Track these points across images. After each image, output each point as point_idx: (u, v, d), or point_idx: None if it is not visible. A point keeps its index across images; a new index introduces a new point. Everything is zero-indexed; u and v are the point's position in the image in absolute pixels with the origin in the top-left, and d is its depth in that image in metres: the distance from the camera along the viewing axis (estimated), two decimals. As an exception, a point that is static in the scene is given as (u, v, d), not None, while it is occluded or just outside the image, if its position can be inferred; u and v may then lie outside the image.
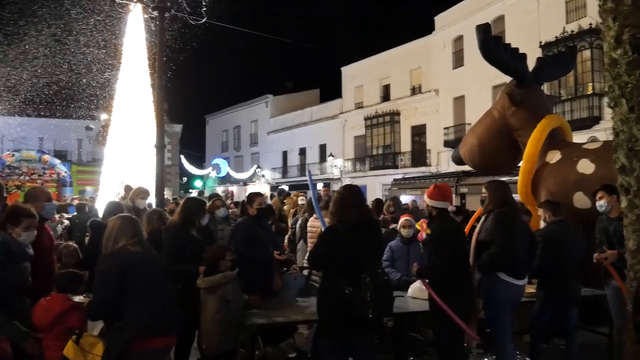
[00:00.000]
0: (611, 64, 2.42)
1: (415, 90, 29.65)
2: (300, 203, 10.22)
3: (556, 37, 19.84)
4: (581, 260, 5.13)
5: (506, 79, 7.62)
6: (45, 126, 40.78)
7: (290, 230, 9.45)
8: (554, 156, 6.50)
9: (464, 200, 19.94)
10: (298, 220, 8.91)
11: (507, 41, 7.02)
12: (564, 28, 19.86)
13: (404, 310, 5.01)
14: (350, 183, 5.30)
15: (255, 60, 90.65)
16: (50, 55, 21.58)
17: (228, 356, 4.35)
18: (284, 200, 11.47)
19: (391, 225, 7.36)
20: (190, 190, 39.79)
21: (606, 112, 17.35)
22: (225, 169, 45.42)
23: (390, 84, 31.27)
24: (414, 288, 5.34)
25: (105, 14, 15.92)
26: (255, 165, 43.09)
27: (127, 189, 8.99)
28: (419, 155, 28.70)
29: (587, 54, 18.98)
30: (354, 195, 3.99)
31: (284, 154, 40.88)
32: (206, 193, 36.17)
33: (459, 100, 25.92)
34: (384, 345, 5.10)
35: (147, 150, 12.70)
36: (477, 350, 5.34)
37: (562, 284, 5.00)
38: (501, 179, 5.53)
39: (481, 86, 23.15)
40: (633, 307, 2.47)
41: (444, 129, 26.30)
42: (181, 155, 44.90)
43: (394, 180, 27.61)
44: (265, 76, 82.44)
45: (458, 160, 7.83)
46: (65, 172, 30.88)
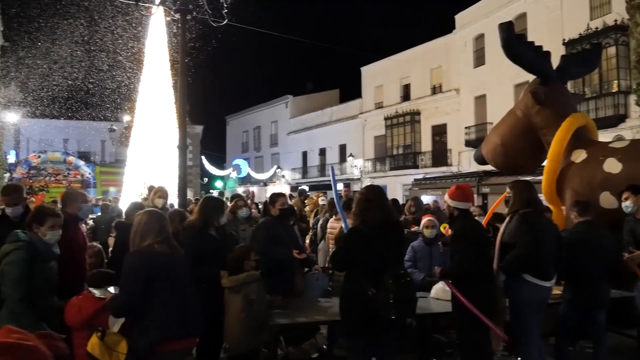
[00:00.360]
0: (639, 60, 2.36)
1: (435, 89, 29.43)
2: (321, 203, 10.22)
3: (580, 34, 19.50)
4: (611, 261, 5.02)
5: (528, 77, 7.51)
6: (69, 128, 41.45)
7: (311, 231, 9.47)
8: (580, 155, 6.38)
9: (485, 200, 19.75)
10: (319, 221, 8.91)
11: (530, 39, 6.91)
12: (588, 25, 19.51)
13: (427, 311, 4.98)
14: (372, 183, 5.28)
15: (275, 60, 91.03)
16: (74, 58, 21.96)
17: (251, 356, 4.36)
18: (305, 201, 11.48)
19: (413, 227, 7.30)
20: (211, 191, 40.13)
21: (633, 110, 16.99)
22: (245, 169, 45.69)
23: (411, 83, 31.08)
24: (437, 289, 5.30)
25: (128, 17, 16.16)
26: (275, 166, 43.24)
27: (150, 189, 9.09)
28: (440, 155, 28.47)
29: (612, 50, 18.62)
30: (376, 195, 3.98)
31: (304, 154, 40.95)
32: (227, 193, 36.48)
33: (480, 99, 25.66)
34: (406, 346, 5.07)
35: (169, 151, 12.85)
36: (502, 352, 5.27)
37: (589, 285, 4.91)
38: (526, 179, 5.45)
39: (503, 85, 22.88)
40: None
41: (465, 128, 26.04)
42: (202, 156, 45.32)
43: (415, 180, 27.45)
44: (285, 77, 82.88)
45: (480, 160, 7.74)
46: (89, 173, 31.37)
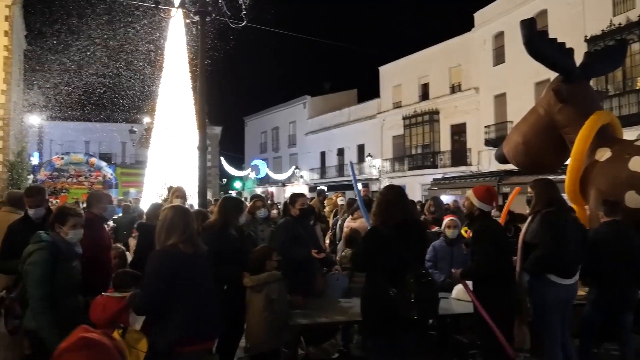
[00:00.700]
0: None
1: (454, 88, 29.20)
2: (340, 203, 10.21)
3: (602, 31, 19.17)
4: (638, 262, 4.91)
5: (549, 75, 7.38)
6: (90, 130, 42.04)
7: (330, 231, 9.46)
8: (604, 154, 6.25)
9: (506, 200, 19.50)
10: (338, 221, 8.90)
11: (551, 36, 6.80)
12: (611, 21, 19.16)
13: (448, 312, 4.94)
14: (392, 183, 5.27)
15: (293, 61, 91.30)
16: (95, 61, 22.29)
17: (272, 355, 4.37)
18: (324, 201, 11.48)
19: (433, 227, 7.25)
20: (230, 191, 40.38)
21: (658, 108, 16.65)
22: (264, 170, 45.88)
23: (429, 82, 30.88)
24: (458, 289, 5.25)
25: (148, 20, 16.34)
26: (293, 166, 43.32)
27: (170, 190, 9.17)
28: (459, 155, 28.23)
29: (636, 47, 18.26)
30: (397, 195, 3.96)
31: (322, 154, 40.95)
32: (245, 194, 36.66)
33: (500, 98, 25.37)
34: (427, 347, 5.03)
35: (189, 152, 12.96)
36: (524, 354, 5.19)
37: (615, 286, 4.82)
38: (548, 178, 5.37)
39: (523, 83, 22.60)
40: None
41: (485, 127, 25.77)
42: (221, 157, 45.63)
43: (434, 180, 27.28)
44: (302, 77, 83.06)
45: (501, 159, 7.64)
46: (111, 174, 31.80)
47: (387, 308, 3.61)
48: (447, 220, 6.12)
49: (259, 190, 40.67)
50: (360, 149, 36.20)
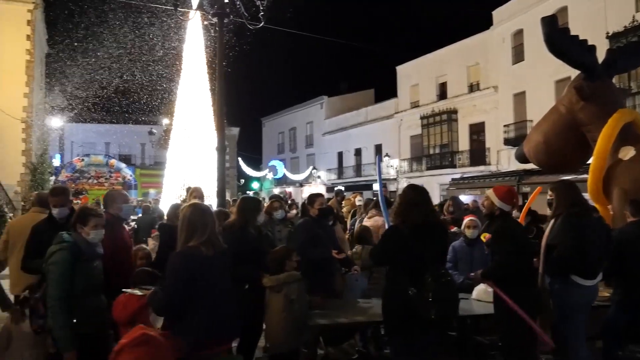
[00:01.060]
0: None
1: (473, 87, 28.95)
2: (357, 204, 10.18)
3: (625, 27, 18.82)
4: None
5: (570, 72, 7.28)
6: (110, 131, 42.61)
7: (348, 232, 9.43)
8: (628, 152, 6.14)
9: (526, 200, 19.27)
10: (356, 222, 8.87)
11: (572, 34, 6.70)
12: (634, 17, 18.80)
13: (468, 312, 4.89)
14: (414, 183, 5.27)
15: (310, 61, 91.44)
16: (115, 64, 22.59)
17: (291, 355, 4.37)
18: (342, 201, 11.46)
19: (452, 227, 7.19)
20: (248, 192, 40.59)
21: (682, 105, 16.30)
22: (281, 170, 46.04)
23: (447, 81, 30.67)
24: (479, 290, 5.20)
25: (166, 22, 16.51)
26: (311, 167, 43.38)
27: (188, 190, 9.24)
28: (478, 154, 27.97)
29: (660, 43, 17.92)
30: (419, 196, 3.95)
31: (340, 154, 40.93)
32: (263, 194, 36.80)
33: (520, 97, 25.09)
34: (448, 347, 4.99)
35: (208, 153, 13.05)
36: (547, 356, 5.12)
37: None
38: (568, 179, 5.29)
39: (543, 81, 22.32)
40: None
41: (504, 126, 25.50)
42: (239, 158, 45.89)
43: (452, 179, 27.08)
44: (320, 77, 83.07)
45: (522, 158, 7.55)
46: (130, 176, 32.20)
47: (406, 308, 3.61)
48: (467, 220, 6.07)
49: (276, 191, 40.79)
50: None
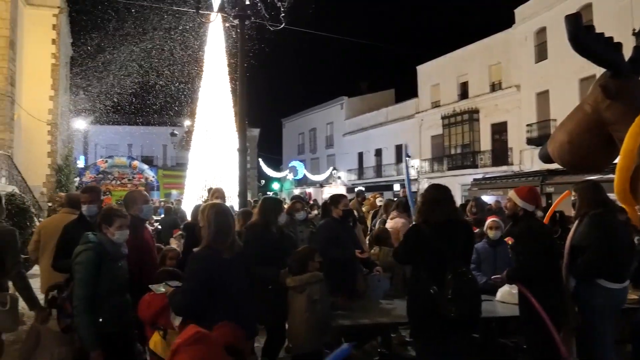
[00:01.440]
0: None
1: (495, 86, 28.66)
2: (378, 204, 10.15)
3: (652, 24, 18.46)
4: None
5: (595, 70, 7.11)
6: (133, 133, 43.20)
7: (369, 232, 9.40)
8: (656, 152, 6.02)
9: (550, 200, 19.00)
10: (377, 222, 8.84)
11: (597, 31, 6.57)
12: (661, 13, 18.46)
13: (493, 314, 4.84)
14: (437, 183, 5.22)
15: (330, 62, 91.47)
16: (137, 66, 22.94)
17: (313, 356, 4.37)
18: (362, 202, 11.44)
19: (475, 229, 7.12)
20: (268, 192, 40.76)
21: None
22: (301, 171, 46.15)
23: (468, 81, 30.42)
24: (503, 292, 5.14)
25: (188, 25, 16.70)
26: (331, 167, 43.39)
27: (210, 191, 9.32)
28: (500, 154, 27.67)
29: (688, 40, 17.51)
30: (440, 193, 3.94)
31: (360, 155, 40.86)
32: (283, 195, 36.91)
33: (543, 96, 24.75)
34: (472, 349, 4.94)
35: (229, 154, 13.14)
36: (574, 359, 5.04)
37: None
38: (592, 180, 5.20)
39: (567, 80, 21.98)
40: None
41: (527, 125, 25.19)
42: (259, 159, 46.14)
43: (474, 180, 26.84)
44: (339, 78, 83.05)
45: (546, 158, 7.40)
46: (153, 177, 32.59)
47: (429, 307, 3.60)
48: (489, 221, 6.00)
49: (296, 192, 40.89)
50: (398, 149, 35.93)
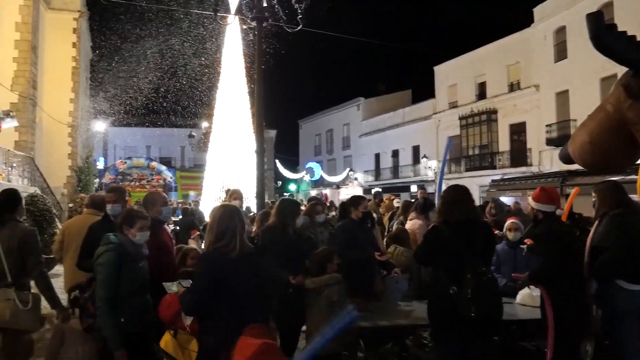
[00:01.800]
0: None
1: (513, 86, 28.37)
2: (396, 205, 10.11)
3: (675, 22, 18.11)
4: None
5: (617, 69, 7.04)
6: (151, 135, 43.64)
7: (387, 233, 9.37)
8: (680, 152, 5.90)
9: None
10: (394, 224, 8.80)
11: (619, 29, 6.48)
12: (684, 11, 18.10)
13: (513, 317, 4.79)
14: (456, 183, 5.21)
15: (346, 63, 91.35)
16: (155, 68, 23.19)
17: (332, 358, 4.37)
18: (380, 203, 11.40)
19: (494, 230, 7.05)
20: (285, 194, 40.88)
21: None
22: (318, 172, 46.20)
23: (486, 81, 30.15)
24: (523, 294, 5.09)
25: (206, 27, 16.83)
26: (347, 168, 43.36)
27: (227, 192, 9.38)
28: (519, 155, 27.38)
29: None
30: (459, 193, 3.96)
31: (377, 156, 40.76)
32: (300, 196, 36.95)
33: (562, 95, 24.43)
34: (492, 353, 4.90)
35: (246, 155, 13.23)
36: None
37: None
38: (613, 180, 5.13)
39: (587, 79, 21.67)
40: None
41: (546, 126, 24.88)
42: (276, 160, 46.29)
43: (492, 181, 26.59)
44: (356, 79, 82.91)
45: (566, 159, 7.30)
46: (171, 178, 32.89)
47: (448, 308, 3.59)
48: (509, 222, 5.95)
49: (313, 193, 40.94)
50: (415, 150, 35.79)
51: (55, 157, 21.92)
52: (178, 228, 10.80)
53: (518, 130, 27.88)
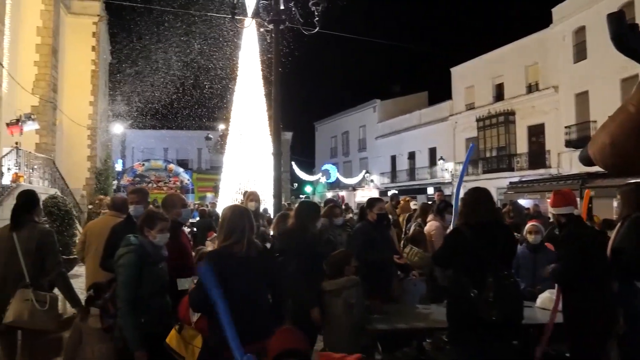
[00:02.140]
0: None
1: (531, 87, 28.07)
2: (413, 207, 10.07)
3: (698, 21, 17.76)
4: None
5: (639, 70, 6.95)
6: (168, 137, 44.02)
7: (403, 235, 9.33)
8: None
9: (590, 204, 18.44)
10: (412, 226, 8.75)
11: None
12: None
13: (533, 321, 4.73)
14: (477, 186, 5.17)
15: (362, 64, 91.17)
16: (173, 71, 23.43)
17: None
18: (396, 206, 11.35)
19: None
20: (301, 196, 40.95)
21: None
22: (334, 174, 46.19)
23: (504, 82, 29.88)
24: (544, 298, 5.03)
25: (223, 30, 16.96)
26: (364, 171, 43.27)
27: (244, 194, 9.42)
28: (537, 157, 27.08)
29: None
30: (479, 195, 3.93)
31: (393, 158, 40.63)
32: (316, 198, 36.97)
33: (582, 97, 24.10)
34: (512, 357, 4.85)
35: (263, 158, 13.27)
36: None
37: None
38: (637, 182, 5.05)
39: (607, 80, 21.35)
40: None
41: (565, 128, 24.55)
42: (292, 162, 46.38)
43: (510, 183, 26.31)
44: (372, 81, 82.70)
45: (587, 161, 7.18)
46: (188, 180, 33.11)
47: (469, 311, 3.56)
48: (529, 225, 5.88)
49: (329, 195, 40.91)
50: (432, 152, 35.60)
51: (74, 159, 22.24)
52: (195, 230, 10.88)
53: (536, 132, 27.56)
